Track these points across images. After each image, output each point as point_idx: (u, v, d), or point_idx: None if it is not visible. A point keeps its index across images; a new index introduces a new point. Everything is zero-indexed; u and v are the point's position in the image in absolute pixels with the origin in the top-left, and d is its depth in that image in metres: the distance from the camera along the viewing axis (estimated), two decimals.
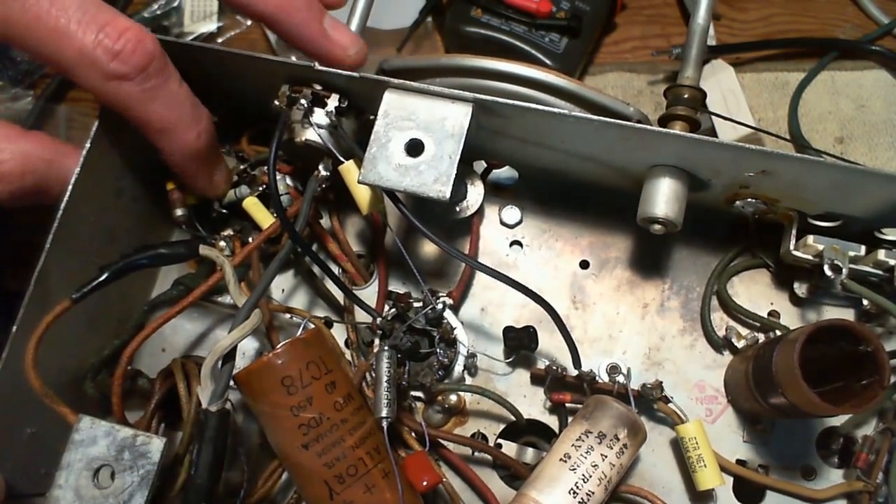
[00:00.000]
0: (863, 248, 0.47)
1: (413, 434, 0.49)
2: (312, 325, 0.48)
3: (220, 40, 0.73)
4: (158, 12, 0.72)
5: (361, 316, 0.52)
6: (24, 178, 0.41)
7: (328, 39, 0.46)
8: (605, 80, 0.70)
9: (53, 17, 0.37)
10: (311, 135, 0.46)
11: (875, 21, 0.71)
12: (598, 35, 0.70)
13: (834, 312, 0.52)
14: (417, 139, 0.43)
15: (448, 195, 0.42)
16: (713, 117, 0.61)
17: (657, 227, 0.46)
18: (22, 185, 0.42)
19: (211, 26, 0.72)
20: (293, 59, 0.47)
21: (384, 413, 0.44)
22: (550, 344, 0.52)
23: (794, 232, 0.49)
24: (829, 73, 0.69)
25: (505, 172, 0.56)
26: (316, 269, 0.54)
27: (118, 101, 0.41)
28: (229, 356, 0.40)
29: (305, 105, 0.45)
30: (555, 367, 0.50)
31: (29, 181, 0.42)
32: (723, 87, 0.63)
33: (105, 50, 0.38)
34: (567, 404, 0.50)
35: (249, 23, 0.73)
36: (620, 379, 0.50)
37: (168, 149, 0.44)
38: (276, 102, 0.46)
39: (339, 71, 0.45)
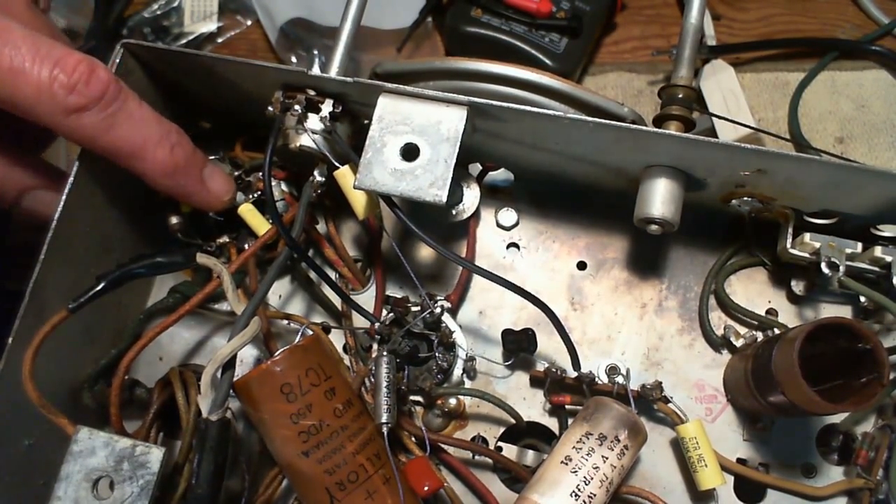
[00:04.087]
0: (859, 246, 0.48)
1: (413, 439, 0.49)
2: (310, 332, 0.48)
3: (219, 40, 0.73)
4: (158, 12, 0.71)
5: (359, 321, 0.51)
6: None
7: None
8: (605, 80, 0.70)
9: (7, 56, 0.38)
10: (305, 140, 0.46)
11: (875, 21, 0.71)
12: (598, 35, 0.70)
13: (831, 310, 0.52)
14: (413, 143, 0.43)
15: (445, 199, 0.42)
16: (713, 117, 0.61)
17: (654, 227, 0.46)
18: None
19: (211, 26, 0.72)
20: (292, 61, 0.46)
21: (384, 418, 0.44)
22: (549, 346, 0.52)
23: (790, 230, 0.49)
24: (829, 73, 0.69)
25: (501, 175, 0.55)
26: (313, 275, 0.54)
27: (82, 134, 0.40)
28: (229, 364, 0.40)
29: (299, 111, 0.45)
30: (554, 369, 0.50)
31: None
32: (723, 87, 0.63)
33: (61, 84, 0.38)
34: (567, 406, 0.50)
35: (249, 23, 0.73)
36: (620, 380, 0.50)
37: (147, 172, 0.43)
38: (270, 108, 0.46)
39: (333, 76, 0.45)
